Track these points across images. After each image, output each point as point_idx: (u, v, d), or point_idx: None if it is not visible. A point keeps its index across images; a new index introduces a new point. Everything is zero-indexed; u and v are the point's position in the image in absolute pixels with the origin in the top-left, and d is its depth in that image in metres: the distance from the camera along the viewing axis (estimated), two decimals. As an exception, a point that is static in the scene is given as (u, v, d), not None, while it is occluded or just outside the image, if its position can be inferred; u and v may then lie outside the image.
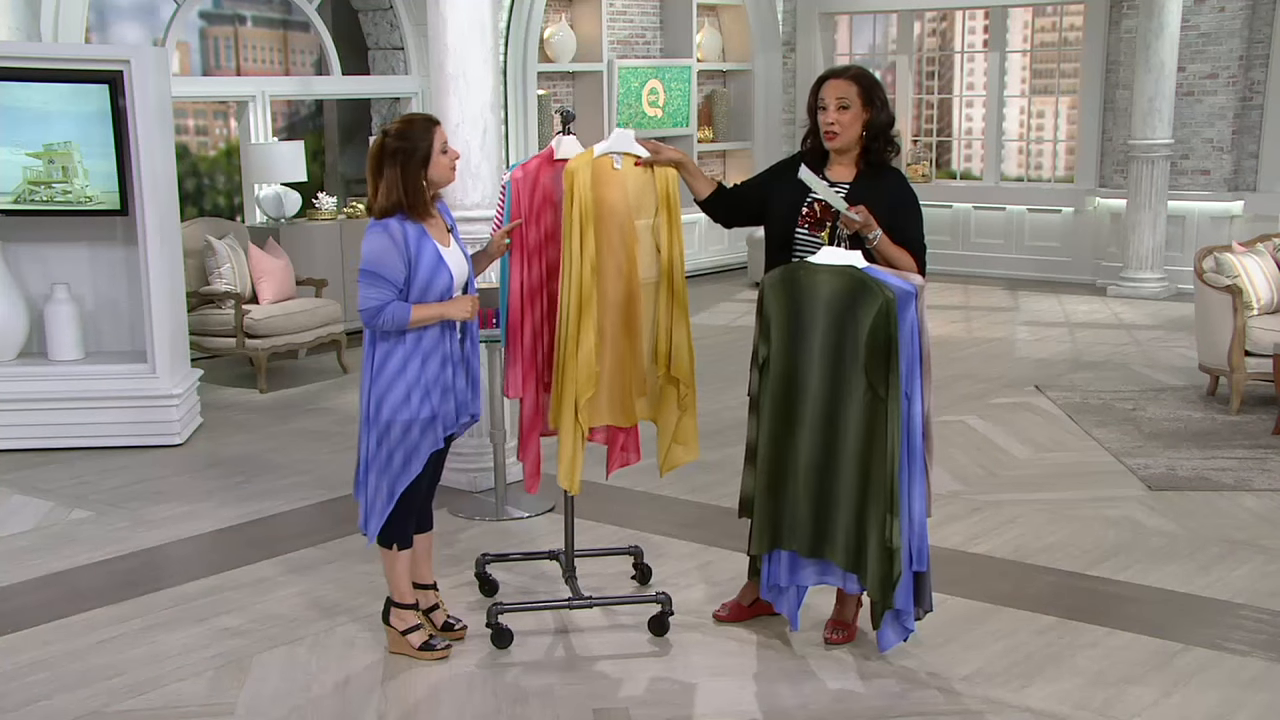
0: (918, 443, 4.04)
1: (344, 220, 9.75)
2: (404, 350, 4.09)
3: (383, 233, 4.03)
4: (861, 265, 4.02)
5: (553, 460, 5.42)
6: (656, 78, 12.37)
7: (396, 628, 4.33)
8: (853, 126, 4.21)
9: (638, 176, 4.34)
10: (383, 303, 4.02)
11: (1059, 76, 12.83)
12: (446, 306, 4.12)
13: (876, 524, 4.05)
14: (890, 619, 4.18)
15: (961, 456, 6.67)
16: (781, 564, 4.31)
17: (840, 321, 4.04)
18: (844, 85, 4.21)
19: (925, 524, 4.11)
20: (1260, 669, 4.20)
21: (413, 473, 4.14)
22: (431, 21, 5.84)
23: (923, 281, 4.05)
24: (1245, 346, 7.39)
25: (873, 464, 4.04)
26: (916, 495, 4.07)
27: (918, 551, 4.09)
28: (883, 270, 4.05)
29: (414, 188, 4.05)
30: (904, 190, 4.28)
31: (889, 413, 3.99)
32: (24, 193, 6.91)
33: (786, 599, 4.36)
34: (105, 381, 7.00)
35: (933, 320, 10.51)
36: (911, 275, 4.07)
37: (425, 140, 4.06)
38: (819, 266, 4.08)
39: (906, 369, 3.98)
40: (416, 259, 4.04)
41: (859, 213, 4.09)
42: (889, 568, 4.06)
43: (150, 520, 5.82)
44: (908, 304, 3.97)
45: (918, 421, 4.04)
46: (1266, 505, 5.85)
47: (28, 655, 4.40)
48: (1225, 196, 11.48)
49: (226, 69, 10.64)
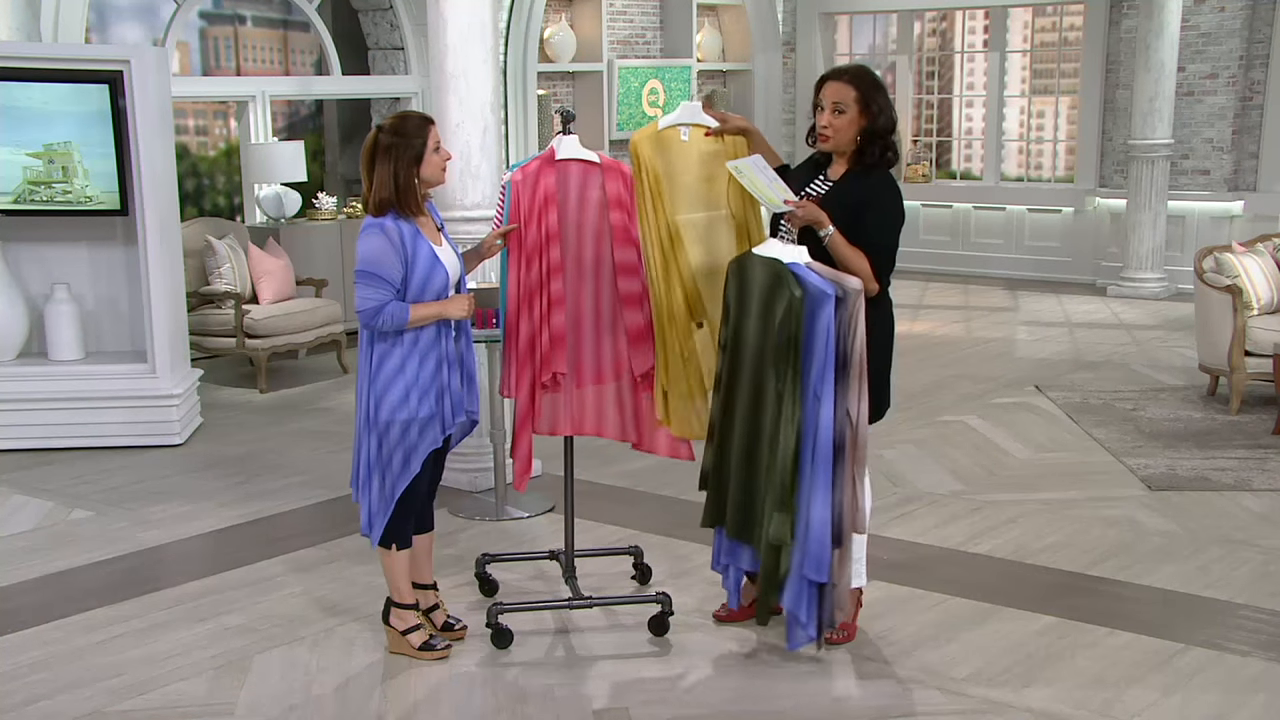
0: (824, 447, 3.93)
1: (344, 220, 9.75)
2: (402, 350, 4.08)
3: (379, 233, 4.02)
4: (788, 260, 3.98)
5: (552, 459, 5.42)
6: (656, 78, 12.37)
7: (396, 628, 4.33)
8: (847, 130, 4.18)
9: (707, 146, 4.41)
10: (381, 303, 4.01)
11: (1059, 76, 12.83)
12: (445, 305, 4.12)
13: (766, 518, 4.05)
14: (792, 620, 4.10)
15: (961, 456, 6.67)
16: (723, 542, 4.36)
17: (765, 313, 4.05)
18: (841, 88, 4.18)
19: (827, 533, 3.96)
20: (1260, 669, 4.20)
21: (412, 472, 4.13)
22: (431, 21, 5.84)
23: (859, 286, 3.92)
24: (1245, 346, 7.39)
25: (774, 459, 4.03)
26: (818, 501, 3.95)
27: (815, 560, 3.96)
28: (812, 268, 3.98)
29: (406, 185, 4.04)
30: (877, 192, 4.19)
31: (783, 411, 3.97)
32: (24, 193, 6.91)
33: (729, 576, 4.40)
34: (105, 381, 7.00)
35: (933, 320, 10.53)
36: (848, 279, 3.96)
37: (419, 137, 4.05)
38: (759, 258, 4.09)
39: (818, 370, 3.92)
40: (413, 258, 4.04)
41: (801, 208, 4.07)
42: (774, 564, 4.04)
43: (150, 520, 5.82)
44: (822, 304, 3.88)
45: (826, 425, 3.92)
46: (1266, 505, 5.85)
47: (28, 655, 4.40)
48: (1225, 196, 11.48)
49: (226, 69, 10.64)
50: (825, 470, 3.95)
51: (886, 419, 4.47)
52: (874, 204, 4.17)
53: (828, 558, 3.98)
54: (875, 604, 4.66)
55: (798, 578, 4.02)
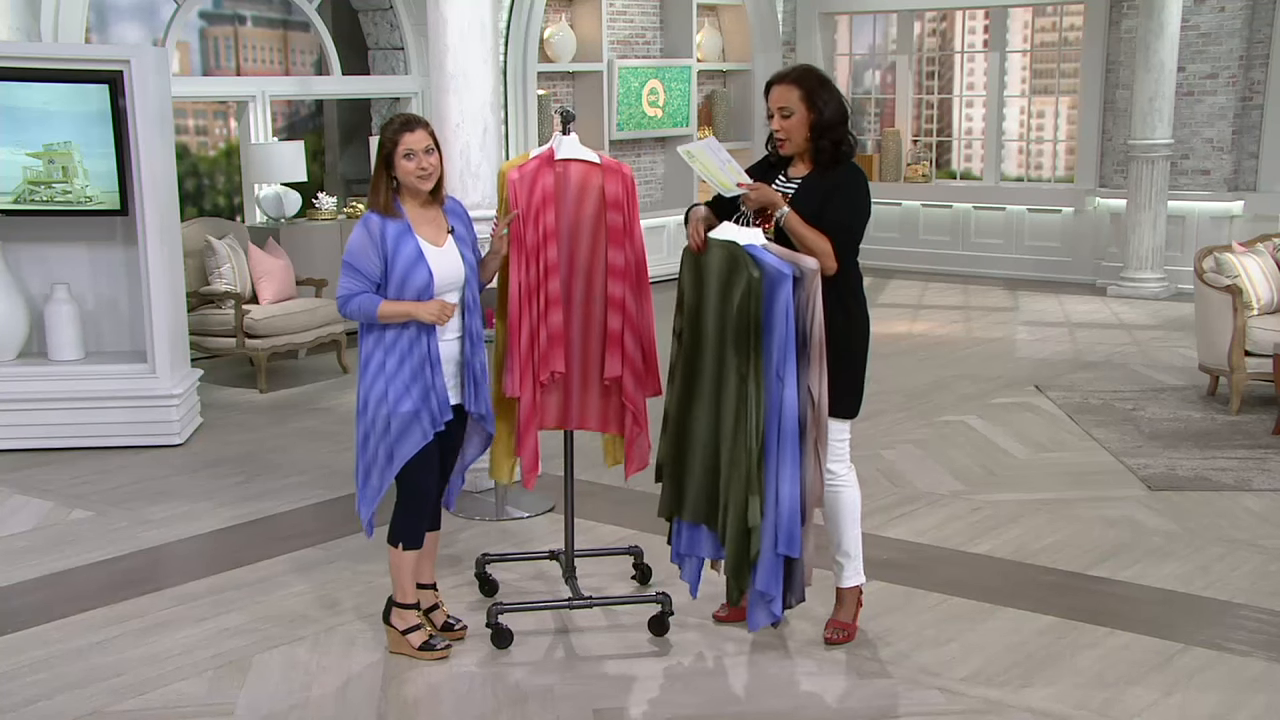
0: (790, 427, 4.00)
1: (344, 220, 9.74)
2: (383, 347, 4.16)
3: (363, 228, 4.15)
4: (744, 242, 4.01)
5: (552, 459, 5.42)
6: (656, 78, 12.37)
7: (397, 627, 4.34)
8: (799, 131, 4.20)
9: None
10: (350, 293, 4.12)
11: (1059, 76, 12.83)
12: (414, 307, 4.13)
13: (736, 502, 4.07)
14: (757, 600, 4.16)
15: (961, 456, 6.67)
16: (681, 533, 4.37)
17: (723, 296, 4.07)
18: (784, 91, 4.20)
19: (797, 509, 4.05)
20: (1260, 669, 4.20)
21: (396, 467, 4.17)
22: (431, 21, 5.84)
23: (815, 265, 3.98)
24: (1245, 346, 7.39)
25: (739, 442, 4.06)
26: (787, 479, 4.03)
27: (787, 536, 4.05)
28: (769, 249, 4.01)
29: (379, 185, 4.16)
30: (845, 180, 4.20)
31: (749, 392, 4.00)
32: (24, 193, 6.91)
33: (688, 567, 4.41)
34: (105, 381, 7.00)
35: (933, 320, 10.53)
36: (804, 259, 4.00)
37: (390, 141, 4.14)
38: (715, 241, 4.11)
39: (779, 351, 3.96)
40: (393, 255, 4.11)
41: (754, 190, 4.12)
42: (744, 547, 4.08)
43: (150, 520, 5.82)
44: (780, 284, 3.93)
45: (790, 405, 3.99)
46: (1266, 505, 5.85)
47: (28, 655, 4.40)
48: (1225, 196, 11.48)
49: (226, 69, 10.64)
50: (793, 448, 4.02)
51: (887, 419, 4.47)
52: (841, 189, 4.18)
53: (798, 534, 4.07)
54: (875, 604, 4.66)
55: (771, 556, 4.08)
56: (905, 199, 13.26)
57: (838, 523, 4.39)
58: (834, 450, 4.29)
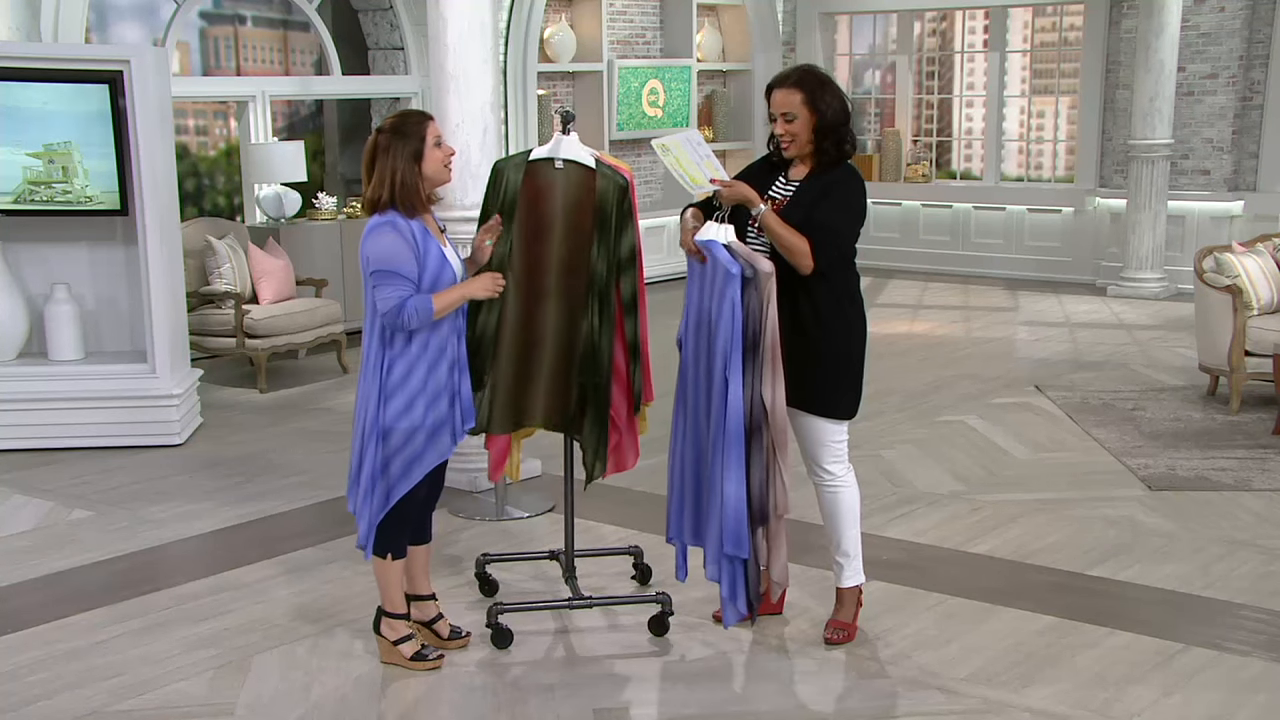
0: (734, 426, 4.02)
1: (344, 220, 9.75)
2: (410, 356, 3.97)
3: (390, 229, 3.92)
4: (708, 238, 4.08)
5: (552, 459, 5.41)
6: (656, 78, 12.37)
7: (388, 637, 4.26)
8: (803, 134, 4.19)
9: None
10: (401, 300, 3.90)
11: (1059, 76, 12.83)
12: (467, 285, 4.02)
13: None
14: (725, 602, 4.23)
15: (961, 456, 6.67)
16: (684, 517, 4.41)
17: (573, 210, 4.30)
18: (786, 95, 4.19)
19: (744, 509, 4.07)
20: (1260, 669, 4.20)
21: (412, 481, 4.04)
22: (431, 21, 5.84)
23: (770, 269, 3.99)
24: (1245, 346, 7.39)
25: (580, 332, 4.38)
26: (732, 479, 4.05)
27: (734, 536, 4.08)
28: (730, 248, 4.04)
29: (406, 182, 3.93)
30: (838, 181, 4.19)
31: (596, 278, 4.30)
32: (24, 193, 6.91)
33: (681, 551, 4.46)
34: (105, 381, 7.00)
35: (933, 320, 10.53)
36: (760, 260, 4.02)
37: (417, 134, 3.96)
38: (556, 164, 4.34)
39: (724, 348, 4.01)
40: (424, 255, 3.95)
41: (728, 187, 4.14)
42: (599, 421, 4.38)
43: (150, 520, 5.82)
44: (728, 282, 3.99)
45: (735, 404, 4.02)
46: (1266, 505, 5.85)
47: (28, 655, 4.40)
48: (1225, 196, 11.48)
49: (226, 69, 10.64)
50: (738, 449, 4.05)
51: (886, 419, 4.48)
52: (834, 189, 4.18)
53: (746, 535, 4.10)
54: (875, 604, 4.66)
55: (717, 552, 4.15)
56: (905, 199, 13.26)
57: (837, 523, 4.38)
58: (833, 451, 4.30)
